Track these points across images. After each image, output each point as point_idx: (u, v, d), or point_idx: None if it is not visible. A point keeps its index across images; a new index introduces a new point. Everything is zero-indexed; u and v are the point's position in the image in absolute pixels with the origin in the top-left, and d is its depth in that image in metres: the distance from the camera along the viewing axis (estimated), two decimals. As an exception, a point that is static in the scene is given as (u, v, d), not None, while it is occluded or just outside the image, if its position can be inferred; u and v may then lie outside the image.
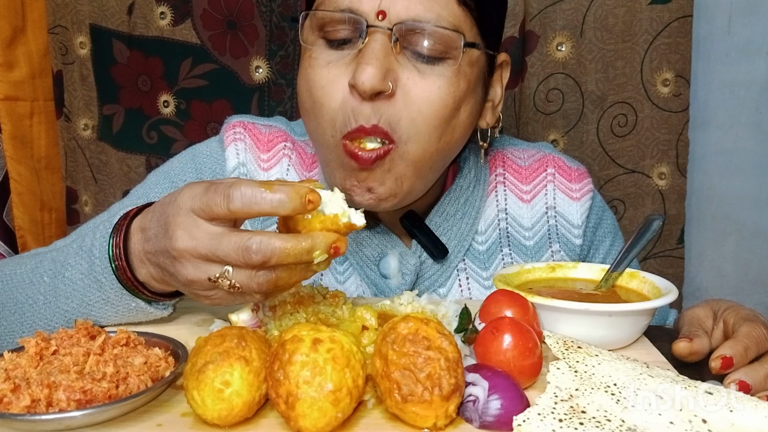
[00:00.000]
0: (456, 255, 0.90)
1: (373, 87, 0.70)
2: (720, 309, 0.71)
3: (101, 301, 0.69)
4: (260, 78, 1.41)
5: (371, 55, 0.70)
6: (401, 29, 0.71)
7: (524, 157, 0.96)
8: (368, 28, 0.71)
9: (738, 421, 0.49)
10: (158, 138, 1.46)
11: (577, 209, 0.93)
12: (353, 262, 0.90)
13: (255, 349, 0.53)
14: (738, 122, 1.42)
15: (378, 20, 0.71)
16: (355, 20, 0.72)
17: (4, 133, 1.44)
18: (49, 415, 0.50)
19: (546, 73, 1.35)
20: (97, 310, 0.70)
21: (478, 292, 0.91)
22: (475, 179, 0.92)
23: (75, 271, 0.70)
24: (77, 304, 0.70)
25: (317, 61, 0.75)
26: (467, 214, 0.91)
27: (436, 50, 0.73)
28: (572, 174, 0.94)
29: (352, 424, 0.52)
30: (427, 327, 0.52)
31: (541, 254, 0.93)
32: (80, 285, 0.69)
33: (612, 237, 0.98)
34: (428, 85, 0.73)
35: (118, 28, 1.42)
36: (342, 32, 0.73)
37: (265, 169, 0.92)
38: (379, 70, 0.70)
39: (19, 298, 0.74)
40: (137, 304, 0.69)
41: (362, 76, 0.69)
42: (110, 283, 0.68)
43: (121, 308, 0.69)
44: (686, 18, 1.30)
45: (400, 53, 0.73)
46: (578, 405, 0.50)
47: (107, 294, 0.68)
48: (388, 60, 0.71)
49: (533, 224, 0.93)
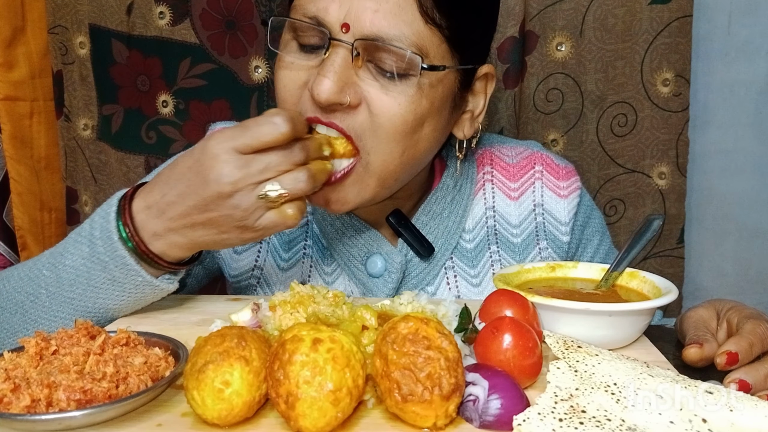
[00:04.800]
0: (443, 253, 0.91)
1: (328, 99, 0.71)
2: (723, 309, 0.71)
3: (107, 282, 0.70)
4: (259, 78, 1.41)
5: (330, 68, 0.72)
6: (363, 44, 0.72)
7: (512, 154, 0.97)
8: (331, 40, 0.72)
9: (738, 420, 0.49)
10: (157, 138, 1.46)
11: (565, 206, 0.94)
12: (341, 263, 0.91)
13: (255, 349, 0.53)
14: (738, 122, 1.42)
15: (342, 32, 0.72)
16: (320, 31, 0.73)
17: (4, 133, 1.44)
18: (49, 415, 0.50)
19: (546, 73, 1.35)
20: (104, 292, 0.71)
21: (467, 290, 0.91)
22: (463, 177, 0.93)
23: (76, 257, 0.71)
24: (83, 289, 0.71)
25: (284, 61, 0.78)
26: (454, 212, 0.91)
27: (398, 67, 0.73)
28: (560, 172, 0.95)
29: (352, 424, 0.52)
30: (427, 327, 0.52)
31: (529, 251, 0.93)
32: (83, 269, 0.71)
33: (600, 236, 0.99)
34: (389, 100, 0.74)
35: (117, 28, 1.42)
36: (312, 39, 0.75)
37: None
38: (335, 84, 0.71)
39: (19, 297, 0.74)
40: (144, 278, 0.71)
41: (318, 87, 0.71)
42: (115, 262, 0.69)
43: (128, 285, 0.71)
44: (686, 18, 1.30)
45: (361, 67, 0.74)
46: (578, 404, 0.50)
47: (112, 273, 0.70)
48: (347, 74, 0.72)
49: (521, 221, 0.94)
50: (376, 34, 0.71)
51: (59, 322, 0.72)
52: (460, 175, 0.93)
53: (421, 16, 0.72)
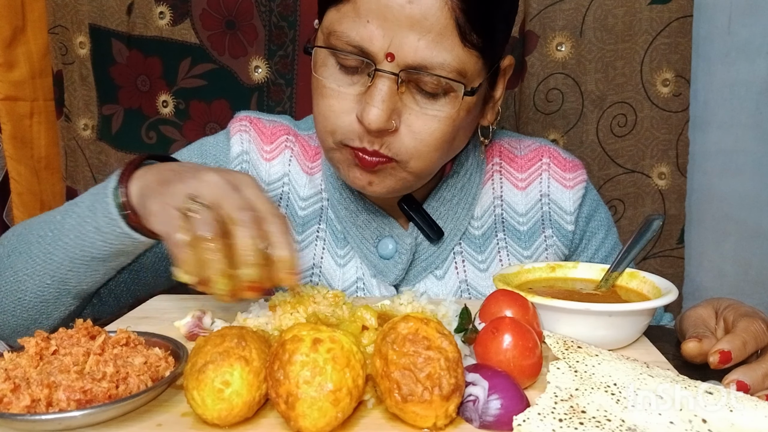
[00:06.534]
0: (452, 238, 0.94)
1: (378, 128, 0.75)
2: (721, 307, 0.72)
3: (93, 230, 0.76)
4: (259, 78, 1.41)
5: (378, 97, 0.75)
6: (407, 73, 0.75)
7: (520, 147, 1.00)
8: (376, 71, 0.75)
9: (738, 420, 0.49)
10: (157, 138, 1.46)
11: (570, 197, 0.96)
12: (354, 245, 0.94)
13: (255, 349, 0.53)
14: (738, 122, 1.42)
15: (387, 61, 0.74)
16: (365, 61, 0.76)
17: (4, 133, 1.44)
18: (49, 415, 0.50)
19: (546, 73, 1.35)
20: (90, 240, 0.76)
21: (474, 274, 0.95)
22: (473, 167, 0.96)
23: (82, 207, 0.78)
24: (75, 236, 0.77)
25: (327, 89, 0.79)
26: (463, 199, 0.95)
27: (440, 91, 0.77)
28: (567, 164, 0.98)
29: (352, 424, 0.52)
30: (427, 327, 0.52)
31: (535, 239, 0.96)
32: (80, 218, 0.77)
33: (605, 231, 1.01)
34: (429, 119, 0.78)
35: (118, 28, 1.42)
36: (353, 62, 0.77)
37: (268, 159, 0.98)
38: (384, 112, 0.75)
39: (31, 238, 0.81)
40: (122, 229, 0.74)
41: (369, 116, 0.74)
42: (102, 209, 0.74)
43: (110, 236, 0.75)
44: (686, 18, 1.30)
45: (404, 92, 0.77)
46: (578, 405, 0.50)
47: (98, 221, 0.75)
48: (393, 101, 0.76)
49: (527, 210, 0.97)
50: (420, 63, 0.74)
51: (53, 265, 0.79)
52: (471, 164, 0.96)
53: (460, 41, 0.74)
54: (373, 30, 0.73)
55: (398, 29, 0.72)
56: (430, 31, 0.72)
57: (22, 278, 0.81)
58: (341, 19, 0.75)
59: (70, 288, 0.81)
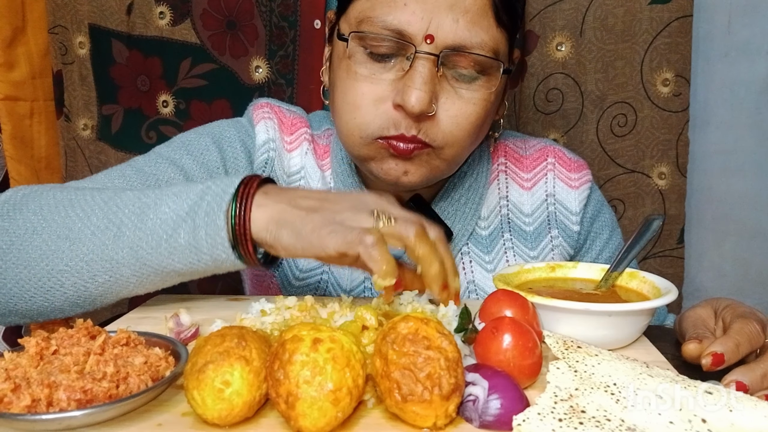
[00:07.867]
0: (460, 239, 0.94)
1: (422, 110, 0.75)
2: (720, 307, 0.72)
3: (188, 246, 0.66)
4: (260, 78, 1.41)
5: (420, 80, 0.74)
6: (446, 54, 0.75)
7: (526, 147, 1.01)
8: (416, 53, 0.74)
9: (738, 420, 0.49)
10: (157, 138, 1.46)
11: (576, 197, 0.97)
12: None
13: (255, 348, 0.53)
14: (738, 122, 1.42)
15: (426, 44, 0.74)
16: (399, 42, 0.75)
17: (4, 133, 1.44)
18: (50, 414, 0.50)
19: (546, 72, 1.35)
20: (179, 253, 0.67)
21: (481, 275, 0.95)
22: (479, 168, 0.96)
23: (169, 211, 0.67)
24: (156, 242, 0.67)
25: (359, 73, 0.78)
26: (471, 200, 0.95)
27: (477, 72, 0.77)
28: (572, 164, 0.98)
29: (352, 423, 0.52)
30: (427, 327, 0.52)
31: (541, 239, 0.96)
32: (169, 225, 0.66)
33: (610, 231, 1.01)
34: (465, 102, 0.78)
35: (117, 28, 1.42)
36: (386, 48, 0.76)
37: (289, 150, 0.97)
38: (427, 95, 0.75)
39: (99, 221, 0.69)
40: (232, 261, 0.67)
41: (412, 99, 0.74)
42: (212, 236, 0.65)
43: (206, 256, 0.67)
44: (686, 18, 1.30)
45: (441, 76, 0.77)
46: (578, 405, 0.50)
47: (199, 240, 0.66)
48: (433, 83, 0.76)
49: (533, 211, 0.97)
50: (459, 43, 0.74)
51: (113, 264, 0.68)
52: (478, 163, 0.96)
53: (495, 21, 0.75)
54: (411, 12, 0.73)
55: (436, 10, 0.73)
56: (468, 11, 0.73)
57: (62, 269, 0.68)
58: (374, 6, 0.75)
59: (123, 293, 0.71)
